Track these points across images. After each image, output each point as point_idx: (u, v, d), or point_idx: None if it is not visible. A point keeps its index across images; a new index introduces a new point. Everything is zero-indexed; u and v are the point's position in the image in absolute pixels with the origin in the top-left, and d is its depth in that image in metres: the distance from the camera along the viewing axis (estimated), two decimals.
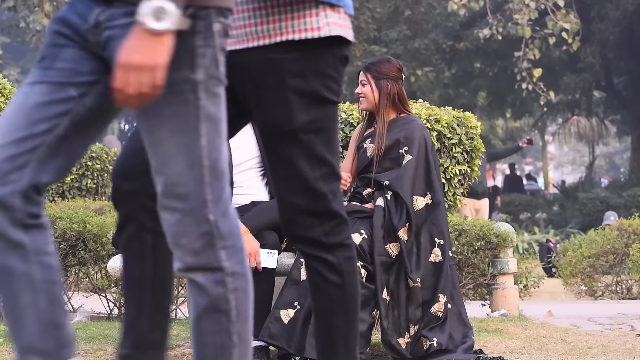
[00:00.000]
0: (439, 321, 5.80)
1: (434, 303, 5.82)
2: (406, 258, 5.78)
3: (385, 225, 5.85)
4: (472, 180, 7.21)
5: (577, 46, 22.09)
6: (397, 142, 6.00)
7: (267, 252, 5.84)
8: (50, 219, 7.81)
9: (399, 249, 5.81)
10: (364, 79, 6.11)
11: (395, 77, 6.10)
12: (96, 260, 7.87)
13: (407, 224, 5.84)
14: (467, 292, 7.97)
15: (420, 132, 6.04)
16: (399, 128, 6.05)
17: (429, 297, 5.82)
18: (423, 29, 28.35)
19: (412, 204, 5.86)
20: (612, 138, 45.47)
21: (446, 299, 5.84)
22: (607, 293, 11.57)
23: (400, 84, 6.11)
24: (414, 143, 5.98)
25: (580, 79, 28.62)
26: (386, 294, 5.77)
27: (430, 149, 6.03)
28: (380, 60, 6.15)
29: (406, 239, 5.82)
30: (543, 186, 40.86)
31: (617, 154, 60.91)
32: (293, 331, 5.77)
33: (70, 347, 2.90)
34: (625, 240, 11.36)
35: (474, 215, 15.71)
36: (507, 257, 7.91)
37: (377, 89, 6.07)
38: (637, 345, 6.64)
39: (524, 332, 7.04)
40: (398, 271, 5.81)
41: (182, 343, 6.45)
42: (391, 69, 6.10)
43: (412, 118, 6.12)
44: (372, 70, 6.10)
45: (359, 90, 6.15)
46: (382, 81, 6.08)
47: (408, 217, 5.84)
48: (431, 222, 5.89)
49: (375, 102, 6.08)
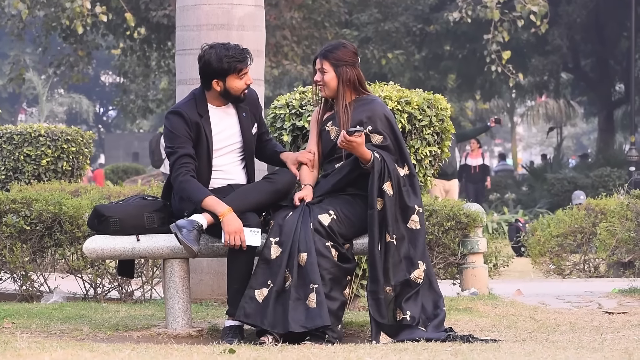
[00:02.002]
0: (416, 287, 5.95)
1: (414, 270, 5.97)
2: (389, 211, 5.93)
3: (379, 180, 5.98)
4: (442, 162, 7.30)
5: (545, 29, 22.26)
6: (360, 123, 6.09)
7: (251, 231, 5.94)
8: (27, 200, 7.87)
9: (383, 204, 5.95)
10: (322, 67, 6.18)
11: (352, 61, 6.17)
12: (72, 241, 7.92)
13: (389, 180, 5.98)
14: (438, 271, 8.10)
15: (381, 110, 6.15)
16: (360, 109, 6.15)
17: (407, 264, 5.97)
18: (393, 12, 28.41)
19: (396, 169, 6.01)
20: (579, 119, 45.73)
21: (425, 267, 5.98)
22: (575, 271, 11.72)
23: (357, 68, 6.19)
24: (377, 122, 6.09)
25: (548, 61, 28.79)
26: (379, 247, 5.93)
27: (395, 125, 6.14)
28: (336, 46, 6.21)
29: (391, 193, 5.96)
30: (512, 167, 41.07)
31: (584, 135, 61.24)
32: (266, 309, 5.90)
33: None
34: (593, 220, 11.50)
35: (443, 196, 15.87)
36: (477, 237, 8.05)
37: (337, 76, 6.16)
38: (605, 323, 6.77)
39: (493, 311, 7.16)
40: (380, 226, 5.96)
41: (157, 323, 6.54)
42: (348, 54, 6.17)
43: (371, 98, 6.22)
44: (329, 58, 6.16)
45: (317, 79, 6.21)
46: (341, 68, 6.15)
47: (390, 177, 5.98)
48: (411, 190, 6.04)
49: (336, 88, 6.17)
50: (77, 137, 12.38)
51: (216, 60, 6.15)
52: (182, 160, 6.10)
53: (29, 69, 37.94)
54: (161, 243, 6.16)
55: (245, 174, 6.36)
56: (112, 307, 7.28)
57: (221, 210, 5.96)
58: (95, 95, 58.45)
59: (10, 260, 7.85)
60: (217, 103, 6.29)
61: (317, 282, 5.85)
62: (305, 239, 5.90)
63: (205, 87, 6.27)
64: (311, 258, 5.87)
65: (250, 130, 6.33)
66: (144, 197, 6.39)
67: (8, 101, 51.80)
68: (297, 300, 5.85)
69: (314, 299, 5.85)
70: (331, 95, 6.20)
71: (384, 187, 5.99)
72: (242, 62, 6.20)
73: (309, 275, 5.86)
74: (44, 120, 47.60)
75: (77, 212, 7.81)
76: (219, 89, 6.22)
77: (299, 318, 5.83)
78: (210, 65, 6.17)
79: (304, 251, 5.89)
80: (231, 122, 6.32)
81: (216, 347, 5.55)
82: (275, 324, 5.86)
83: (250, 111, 6.36)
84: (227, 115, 6.31)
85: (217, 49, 6.19)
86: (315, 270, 5.86)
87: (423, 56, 29.95)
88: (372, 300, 5.94)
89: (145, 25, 25.81)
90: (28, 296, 8.02)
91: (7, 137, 12.24)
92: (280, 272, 5.90)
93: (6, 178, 12.14)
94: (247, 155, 6.36)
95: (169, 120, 6.20)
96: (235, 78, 6.20)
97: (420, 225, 6.07)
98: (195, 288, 7.36)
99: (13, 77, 26.95)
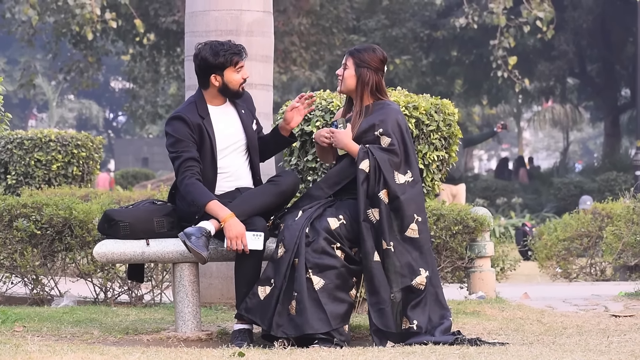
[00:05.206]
0: (421, 295, 5.98)
1: (415, 276, 6.00)
2: (385, 221, 5.97)
3: (369, 191, 6.02)
4: (450, 166, 7.33)
5: (551, 34, 22.29)
6: (373, 126, 6.14)
7: (253, 235, 5.97)
8: (37, 205, 7.93)
9: (380, 213, 5.99)
10: (346, 62, 6.26)
11: (376, 67, 6.23)
12: (82, 245, 7.98)
13: (385, 189, 6.02)
14: (445, 275, 8.13)
15: (395, 115, 6.19)
16: (375, 113, 6.20)
17: (407, 271, 5.99)
18: (401, 18, 28.49)
19: (393, 178, 6.03)
20: (585, 124, 45.69)
21: (428, 273, 6.01)
22: (581, 275, 11.75)
23: (379, 75, 6.24)
24: (388, 125, 6.13)
25: (554, 66, 28.83)
26: (377, 257, 5.96)
27: (405, 131, 6.18)
28: (366, 48, 6.28)
29: (387, 201, 6.00)
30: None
31: (590, 140, 61.16)
32: (267, 308, 5.95)
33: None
34: (599, 224, 11.53)
35: (451, 200, 15.90)
36: (484, 241, 8.07)
37: (356, 75, 6.22)
38: (611, 325, 6.79)
39: (500, 314, 7.19)
40: (377, 235, 5.99)
41: (167, 326, 6.57)
42: (374, 59, 6.23)
43: (387, 103, 6.26)
44: (355, 57, 6.24)
45: (339, 72, 6.31)
46: (363, 69, 6.21)
47: (386, 185, 6.02)
48: (411, 199, 6.06)
49: (353, 87, 6.24)
50: (87, 142, 12.46)
51: (212, 54, 6.20)
52: (187, 164, 6.12)
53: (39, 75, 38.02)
54: (171, 247, 6.19)
55: (251, 175, 6.38)
56: (122, 310, 7.32)
57: (223, 216, 5.99)
58: (105, 100, 58.54)
59: (21, 265, 7.91)
60: (216, 102, 6.33)
61: (300, 290, 5.89)
62: (304, 246, 5.95)
63: (203, 86, 6.31)
64: (301, 266, 5.92)
65: (251, 126, 6.37)
66: (154, 202, 6.42)
67: (19, 107, 51.91)
68: (282, 305, 5.92)
69: (294, 306, 5.91)
70: (346, 91, 6.26)
71: (380, 195, 6.03)
72: (238, 54, 6.24)
73: (295, 281, 5.92)
74: (54, 125, 47.69)
75: (88, 216, 7.86)
76: (218, 84, 6.26)
77: (282, 322, 5.90)
78: (207, 61, 6.22)
79: (297, 257, 5.96)
80: (232, 119, 6.35)
81: (225, 350, 5.58)
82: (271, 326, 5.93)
83: (248, 108, 6.42)
84: (227, 113, 6.35)
85: (211, 44, 6.25)
86: (302, 279, 5.90)
87: (430, 62, 29.99)
88: (375, 312, 5.96)
89: (154, 31, 25.91)
90: (39, 300, 8.07)
91: (17, 142, 12.31)
92: (282, 272, 5.95)
93: (17, 183, 12.22)
94: (252, 153, 6.37)
95: (171, 125, 6.22)
96: (233, 71, 6.24)
97: (420, 233, 6.05)
98: (204, 292, 7.40)
99: (23, 83, 27.06)
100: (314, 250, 5.95)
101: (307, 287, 5.90)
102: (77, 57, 28.38)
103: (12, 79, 43.01)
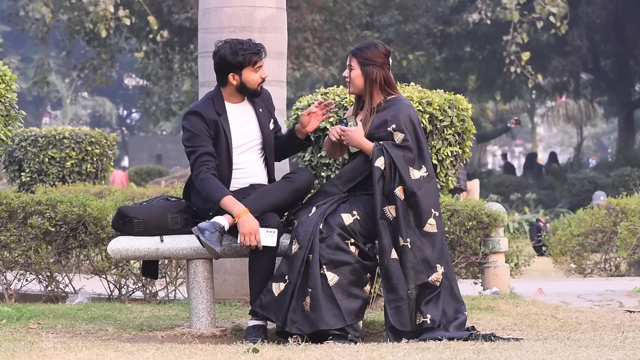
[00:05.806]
0: (436, 290, 5.97)
1: (432, 273, 5.99)
2: (401, 217, 5.96)
3: (385, 189, 6.01)
4: (464, 162, 7.32)
5: (565, 29, 22.24)
6: (385, 122, 6.14)
7: (267, 231, 5.97)
8: (51, 202, 7.95)
9: (396, 209, 5.99)
10: (350, 64, 6.25)
11: (381, 62, 6.21)
12: (96, 242, 7.99)
13: (401, 186, 6.02)
14: (460, 270, 8.12)
15: (407, 110, 6.17)
16: (386, 109, 6.19)
17: (423, 267, 5.98)
18: (414, 14, 28.47)
19: (409, 174, 6.03)
20: (599, 119, 45.60)
21: (444, 269, 6.01)
22: (595, 270, 11.73)
23: (386, 70, 6.22)
24: (400, 120, 6.12)
25: (567, 61, 28.76)
26: (395, 254, 5.95)
27: (417, 125, 6.17)
28: (368, 46, 6.26)
29: (403, 197, 6.00)
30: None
31: (604, 135, 61.04)
32: (282, 304, 5.95)
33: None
34: (613, 219, 11.51)
35: (465, 195, 15.88)
36: (499, 237, 8.06)
37: (363, 74, 6.21)
38: (626, 321, 6.79)
39: (515, 310, 7.18)
40: (394, 232, 5.99)
41: (181, 323, 6.59)
42: (377, 55, 6.21)
43: (398, 98, 6.25)
44: (358, 56, 6.22)
45: (346, 74, 6.29)
46: (368, 67, 6.19)
47: (402, 181, 6.01)
48: (428, 193, 6.06)
49: (362, 87, 6.23)
50: (101, 139, 12.48)
51: (231, 53, 6.20)
52: (202, 159, 6.13)
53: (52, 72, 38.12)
54: (185, 244, 6.21)
55: (266, 172, 6.38)
56: (136, 307, 7.34)
57: (237, 211, 5.99)
58: (118, 97, 58.67)
59: (35, 262, 7.93)
60: (234, 100, 6.33)
61: (314, 286, 5.90)
62: (318, 242, 5.95)
63: (221, 84, 6.31)
64: (315, 262, 5.93)
65: (268, 125, 6.37)
66: (168, 198, 6.43)
67: (32, 104, 52.06)
68: (297, 301, 5.92)
69: (309, 303, 5.91)
70: (356, 92, 6.26)
71: (396, 192, 6.02)
72: (257, 54, 6.24)
73: (309, 277, 5.92)
74: (68, 123, 47.82)
75: (102, 213, 7.88)
76: (236, 83, 6.26)
77: (296, 319, 5.91)
78: (225, 59, 6.22)
79: (311, 253, 5.96)
80: (249, 117, 6.35)
81: (240, 346, 5.59)
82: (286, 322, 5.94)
83: (266, 107, 6.41)
84: (244, 111, 6.35)
85: (230, 43, 6.24)
86: (316, 275, 5.90)
87: (443, 57, 29.96)
88: (392, 309, 5.95)
89: (167, 28, 25.95)
90: (53, 297, 8.10)
91: (31, 139, 12.34)
92: (296, 268, 5.95)
93: (31, 180, 12.25)
94: (267, 152, 6.37)
95: (188, 120, 6.23)
96: (251, 71, 6.24)
97: (438, 228, 6.06)
98: (218, 288, 7.41)
99: (37, 81, 27.16)
100: (328, 246, 5.95)
101: (322, 283, 5.91)
102: (90, 55, 28.48)
103: (26, 76, 43.16)
